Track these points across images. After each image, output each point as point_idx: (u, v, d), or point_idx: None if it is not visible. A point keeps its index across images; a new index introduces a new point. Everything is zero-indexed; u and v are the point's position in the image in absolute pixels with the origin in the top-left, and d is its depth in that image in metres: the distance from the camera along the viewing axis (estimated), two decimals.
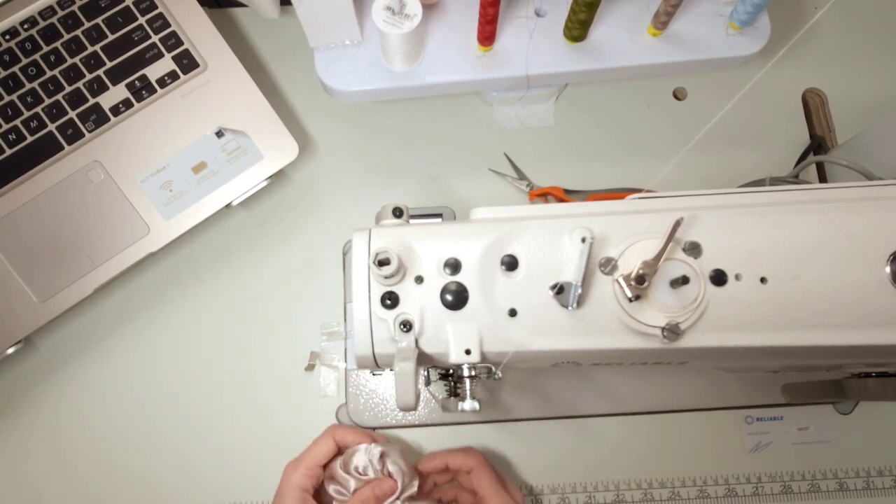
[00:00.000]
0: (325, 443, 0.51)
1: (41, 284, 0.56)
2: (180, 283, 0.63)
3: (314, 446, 0.51)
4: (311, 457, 0.50)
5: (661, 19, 0.54)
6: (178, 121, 0.59)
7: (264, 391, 0.61)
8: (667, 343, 0.39)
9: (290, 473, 0.49)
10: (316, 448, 0.51)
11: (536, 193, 0.65)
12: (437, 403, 0.60)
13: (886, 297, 0.39)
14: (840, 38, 0.70)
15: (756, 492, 0.59)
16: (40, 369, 0.61)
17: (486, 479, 0.51)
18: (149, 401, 0.61)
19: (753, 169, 0.65)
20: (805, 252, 0.40)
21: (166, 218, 0.58)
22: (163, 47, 0.59)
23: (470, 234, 0.42)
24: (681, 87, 0.69)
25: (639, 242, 0.40)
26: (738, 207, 0.42)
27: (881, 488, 0.59)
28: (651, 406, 0.60)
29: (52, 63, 0.58)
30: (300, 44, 0.60)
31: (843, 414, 0.61)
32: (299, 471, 0.49)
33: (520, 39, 0.56)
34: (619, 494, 0.59)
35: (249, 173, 0.59)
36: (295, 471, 0.49)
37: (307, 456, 0.50)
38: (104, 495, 0.59)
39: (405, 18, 0.50)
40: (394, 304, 0.41)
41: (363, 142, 0.67)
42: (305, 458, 0.50)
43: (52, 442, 0.60)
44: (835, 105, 0.68)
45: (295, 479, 0.49)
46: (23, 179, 0.57)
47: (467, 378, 0.41)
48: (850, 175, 0.57)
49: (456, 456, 0.53)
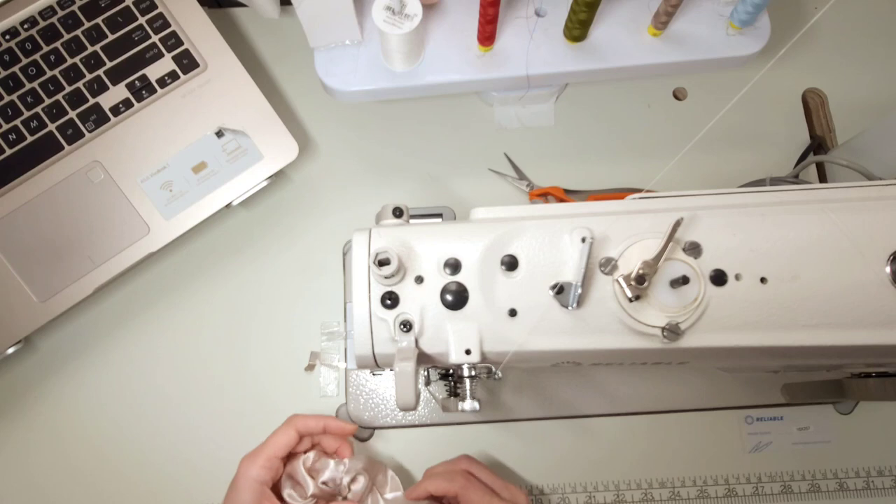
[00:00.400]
0: (285, 433, 0.48)
1: (41, 284, 0.56)
2: (180, 283, 0.63)
3: (274, 437, 0.48)
4: (271, 448, 0.48)
5: (661, 19, 0.54)
6: (178, 121, 0.59)
7: (264, 391, 0.61)
8: (667, 343, 0.39)
9: (248, 466, 0.47)
10: (275, 439, 0.48)
11: (536, 193, 0.65)
12: (437, 403, 0.60)
13: (886, 297, 0.39)
14: (840, 38, 0.70)
15: (756, 492, 0.59)
16: (40, 369, 0.61)
17: (475, 499, 0.49)
18: (149, 401, 0.61)
19: (753, 169, 0.65)
20: (805, 252, 0.40)
21: (166, 218, 0.58)
22: (163, 47, 0.59)
23: (470, 234, 0.42)
24: (681, 87, 0.69)
25: (639, 242, 0.40)
26: (738, 207, 0.42)
27: (881, 488, 0.59)
28: (651, 406, 0.60)
29: (52, 63, 0.58)
30: (300, 44, 0.60)
31: (843, 414, 0.61)
32: (258, 463, 0.47)
33: (520, 39, 0.56)
34: (619, 494, 0.59)
35: (249, 173, 0.59)
36: (253, 463, 0.47)
37: (266, 447, 0.48)
38: (104, 495, 0.59)
39: (405, 18, 0.50)
40: (394, 304, 0.41)
41: (363, 142, 0.67)
42: (265, 449, 0.48)
43: (53, 442, 0.60)
44: (835, 105, 0.68)
45: (253, 472, 0.47)
46: (23, 179, 0.57)
47: (467, 378, 0.41)
48: (850, 175, 0.57)
49: (438, 483, 0.50)
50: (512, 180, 0.65)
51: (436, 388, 0.60)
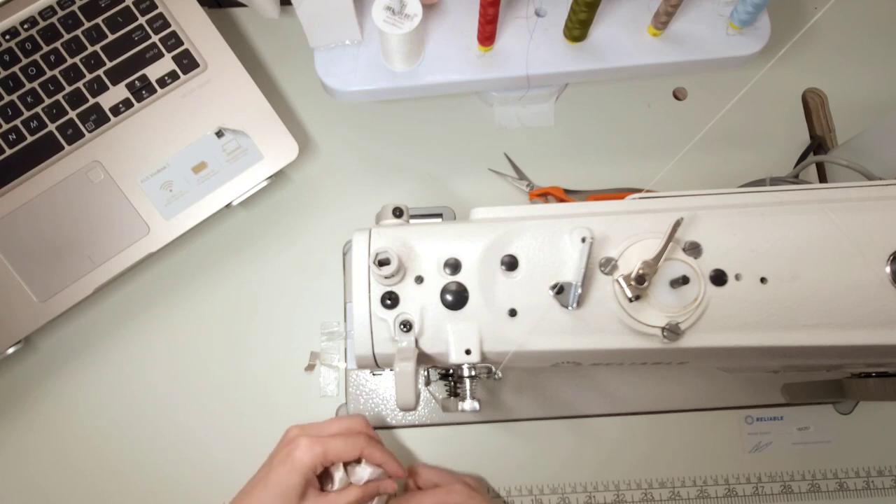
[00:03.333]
0: (352, 450, 0.48)
1: (41, 284, 0.56)
2: (180, 283, 0.63)
3: (342, 444, 0.48)
4: (334, 453, 0.47)
5: (661, 19, 0.54)
6: (178, 121, 0.59)
7: (264, 391, 0.61)
8: (667, 343, 0.39)
9: (306, 451, 0.47)
10: (343, 449, 0.48)
11: (536, 193, 0.65)
12: (437, 403, 0.60)
13: (886, 297, 0.39)
14: (840, 38, 0.70)
15: (756, 492, 0.59)
16: (40, 369, 0.61)
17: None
18: (149, 401, 0.61)
19: (753, 169, 0.65)
20: (805, 252, 0.40)
21: (166, 218, 0.58)
22: (163, 47, 0.59)
23: (470, 234, 0.42)
24: (681, 87, 0.69)
25: (639, 242, 0.40)
26: (738, 207, 0.42)
27: (881, 488, 0.59)
28: (651, 406, 0.60)
29: (52, 63, 0.58)
30: (300, 44, 0.60)
31: (843, 414, 0.61)
32: (316, 452, 0.47)
33: (520, 39, 0.56)
34: (619, 494, 0.59)
35: (249, 173, 0.59)
36: (311, 451, 0.47)
37: (330, 448, 0.47)
38: (104, 495, 0.59)
39: (405, 18, 0.50)
40: (394, 304, 0.41)
41: (363, 142, 0.67)
42: (330, 450, 0.47)
43: (52, 442, 0.60)
44: (835, 105, 0.68)
45: (308, 460, 0.47)
46: (23, 179, 0.57)
47: (467, 378, 0.41)
48: (850, 175, 0.57)
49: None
50: (512, 180, 0.65)
51: (436, 388, 0.60)
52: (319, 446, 0.47)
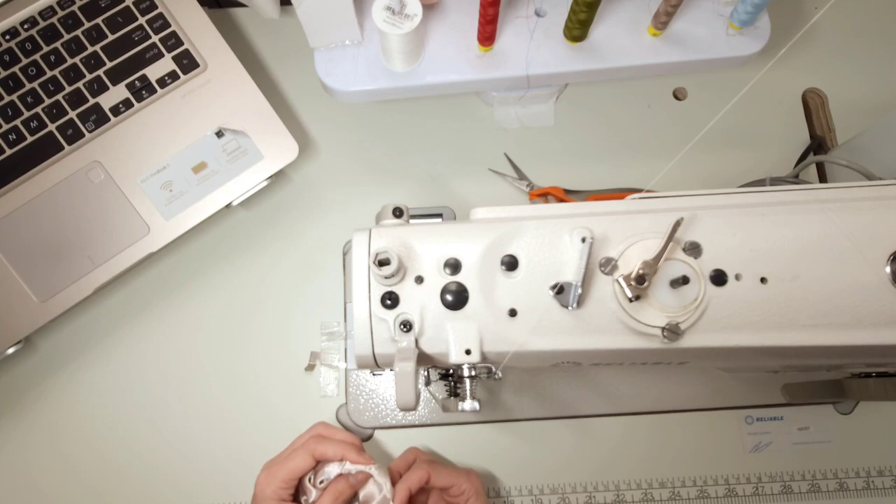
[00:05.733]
0: (302, 459, 0.49)
1: (41, 284, 0.56)
2: (180, 283, 0.63)
3: (291, 460, 0.49)
4: (288, 471, 0.49)
5: (661, 19, 0.54)
6: (178, 121, 0.59)
7: (264, 391, 0.61)
8: (667, 343, 0.39)
9: (266, 485, 0.49)
10: (293, 463, 0.49)
11: (536, 193, 0.65)
12: (437, 403, 0.60)
13: (886, 297, 0.39)
14: (840, 38, 0.70)
15: (756, 492, 0.59)
16: (40, 369, 0.61)
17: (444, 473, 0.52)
18: (149, 401, 0.61)
19: (753, 169, 0.65)
20: (805, 252, 0.40)
21: (166, 218, 0.58)
22: (163, 47, 0.59)
23: (470, 234, 0.42)
24: (681, 87, 0.69)
25: (639, 242, 0.40)
26: (738, 207, 0.42)
27: (881, 488, 0.59)
28: (651, 406, 0.60)
29: (52, 63, 0.58)
30: (300, 44, 0.60)
31: (843, 414, 0.61)
32: (275, 484, 0.49)
33: (520, 39, 0.56)
34: (619, 494, 0.59)
35: (249, 173, 0.59)
36: (270, 483, 0.49)
37: (283, 469, 0.49)
38: (104, 495, 0.59)
39: (405, 18, 0.50)
40: (394, 304, 0.41)
41: (363, 142, 0.67)
42: (281, 470, 0.49)
43: (52, 442, 0.60)
44: (835, 105, 0.68)
45: (270, 491, 0.49)
46: (23, 180, 0.57)
47: (467, 378, 0.41)
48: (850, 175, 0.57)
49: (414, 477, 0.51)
50: (512, 180, 0.65)
51: (436, 388, 0.60)
52: (277, 472, 0.49)
